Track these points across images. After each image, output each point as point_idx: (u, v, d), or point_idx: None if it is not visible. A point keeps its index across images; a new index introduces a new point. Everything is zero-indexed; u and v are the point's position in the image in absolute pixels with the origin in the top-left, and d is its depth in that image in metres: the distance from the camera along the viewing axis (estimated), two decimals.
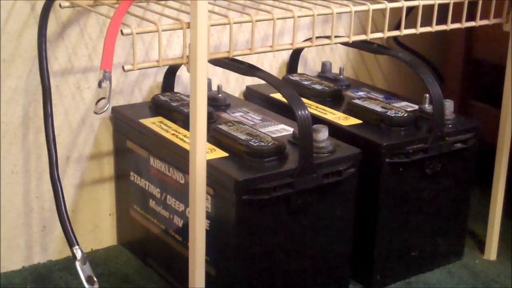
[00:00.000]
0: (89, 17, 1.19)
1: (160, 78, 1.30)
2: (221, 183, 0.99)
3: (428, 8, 1.11)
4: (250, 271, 1.03)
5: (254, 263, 1.03)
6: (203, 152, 0.89)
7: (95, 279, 0.97)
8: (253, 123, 1.16)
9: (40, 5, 1.10)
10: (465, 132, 1.19)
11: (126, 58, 1.24)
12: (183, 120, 1.14)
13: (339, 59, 1.54)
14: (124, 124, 1.22)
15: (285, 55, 1.46)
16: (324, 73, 1.45)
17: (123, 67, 0.86)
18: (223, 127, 1.10)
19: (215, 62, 1.02)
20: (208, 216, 1.02)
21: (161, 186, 1.15)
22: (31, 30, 1.13)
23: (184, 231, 1.11)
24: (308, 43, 1.03)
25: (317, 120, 1.20)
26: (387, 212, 1.16)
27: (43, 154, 1.19)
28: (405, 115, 1.18)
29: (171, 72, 1.29)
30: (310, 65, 1.51)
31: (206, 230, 0.96)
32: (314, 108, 1.26)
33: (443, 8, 1.12)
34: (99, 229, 1.31)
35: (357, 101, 1.25)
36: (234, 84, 1.40)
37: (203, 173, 0.90)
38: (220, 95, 1.26)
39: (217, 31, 1.34)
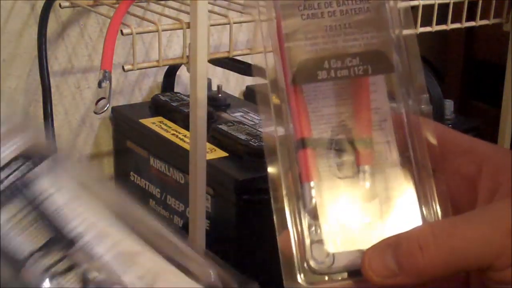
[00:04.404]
0: (89, 17, 1.19)
1: (160, 78, 1.30)
2: (221, 183, 0.99)
3: (428, 8, 1.11)
4: (250, 271, 1.03)
5: (254, 263, 1.03)
6: (203, 152, 0.89)
7: None
8: (253, 123, 1.16)
9: (40, 5, 1.10)
10: (465, 132, 1.18)
11: (126, 58, 1.24)
12: (183, 120, 1.14)
13: None
14: (124, 124, 1.22)
15: None
16: None
17: (123, 67, 0.86)
18: (223, 127, 1.10)
19: (215, 62, 1.02)
20: (208, 216, 1.02)
21: (161, 186, 1.15)
22: (31, 30, 1.13)
23: (184, 231, 1.11)
24: None
25: None
26: None
27: None
28: None
29: (171, 72, 1.29)
30: None
31: (206, 230, 0.96)
32: None
33: (443, 8, 1.12)
34: None
35: None
36: (234, 84, 1.40)
37: (203, 173, 0.90)
38: (220, 95, 1.26)
39: (217, 31, 1.33)
